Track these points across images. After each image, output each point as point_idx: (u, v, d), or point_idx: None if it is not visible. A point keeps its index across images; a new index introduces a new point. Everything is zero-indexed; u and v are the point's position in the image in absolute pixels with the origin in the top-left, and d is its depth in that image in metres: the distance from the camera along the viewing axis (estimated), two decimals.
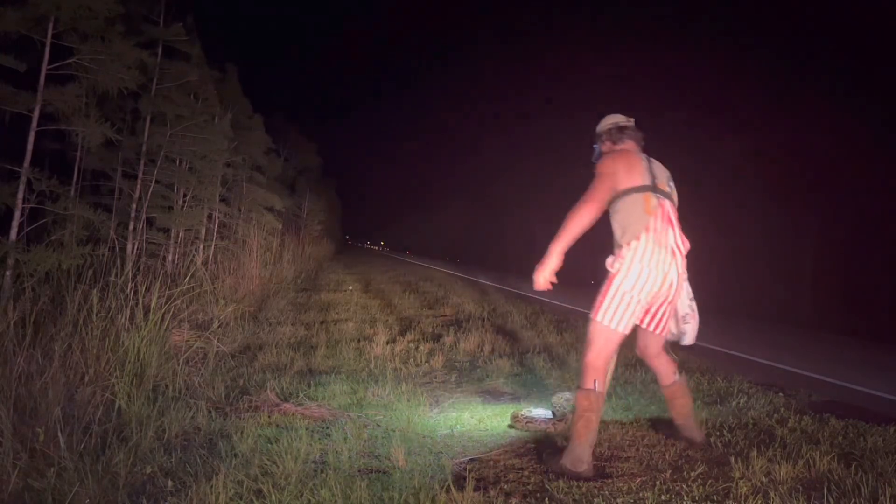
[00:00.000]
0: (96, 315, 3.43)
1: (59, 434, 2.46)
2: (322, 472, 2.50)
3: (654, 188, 2.77)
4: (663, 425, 3.37)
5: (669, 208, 2.79)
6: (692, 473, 2.71)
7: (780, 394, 4.41)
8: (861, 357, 8.48)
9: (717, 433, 3.33)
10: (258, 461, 2.56)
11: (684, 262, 2.86)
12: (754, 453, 2.93)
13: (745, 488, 2.52)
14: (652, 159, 2.90)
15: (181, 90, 6.27)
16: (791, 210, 19.69)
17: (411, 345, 5.53)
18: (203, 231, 7.66)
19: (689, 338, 3.07)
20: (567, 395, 3.49)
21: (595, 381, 2.72)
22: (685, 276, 2.91)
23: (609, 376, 2.91)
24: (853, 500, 2.45)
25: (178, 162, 6.69)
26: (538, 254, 2.81)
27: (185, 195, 7.01)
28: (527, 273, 3.02)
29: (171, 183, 6.64)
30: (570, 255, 2.79)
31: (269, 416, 3.24)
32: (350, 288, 10.85)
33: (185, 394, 3.44)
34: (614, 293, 2.74)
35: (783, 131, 20.58)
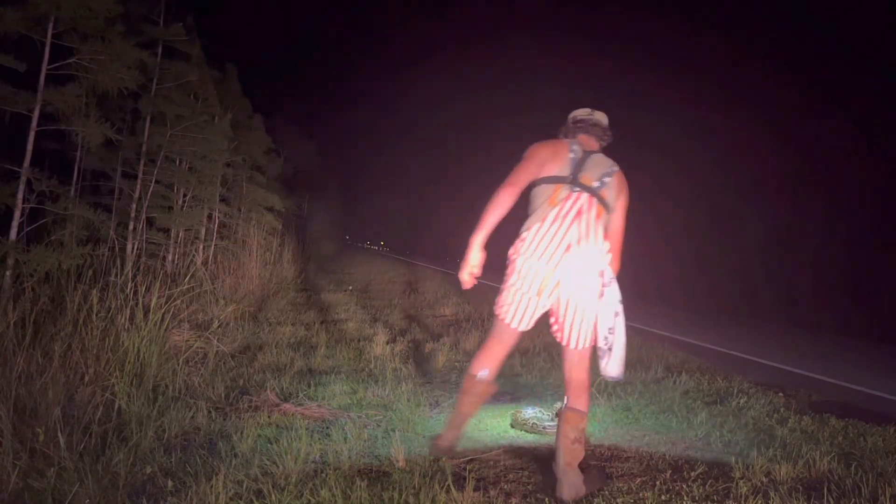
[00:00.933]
0: (96, 315, 3.43)
1: (59, 434, 2.46)
2: (322, 472, 2.50)
3: (572, 180, 2.57)
4: (661, 426, 3.37)
5: (585, 203, 2.55)
6: (692, 473, 2.71)
7: (780, 394, 4.41)
8: (861, 357, 8.48)
9: (718, 433, 3.33)
10: (258, 461, 2.56)
11: (589, 261, 2.53)
12: (754, 453, 2.93)
13: (745, 488, 2.52)
14: (594, 153, 2.68)
15: (181, 90, 6.26)
16: (790, 209, 19.69)
17: (411, 345, 5.53)
18: (203, 231, 7.65)
19: (610, 366, 2.60)
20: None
21: (484, 369, 2.67)
22: (597, 279, 2.56)
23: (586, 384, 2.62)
24: (853, 500, 2.46)
25: (178, 162, 6.68)
26: None
27: (185, 195, 7.00)
28: None
29: (171, 183, 6.63)
30: None
31: (269, 416, 3.24)
32: (350, 288, 10.86)
33: (185, 394, 3.44)
34: (506, 286, 2.63)
35: (782, 129, 20.57)
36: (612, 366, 2.61)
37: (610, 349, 2.60)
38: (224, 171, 7.51)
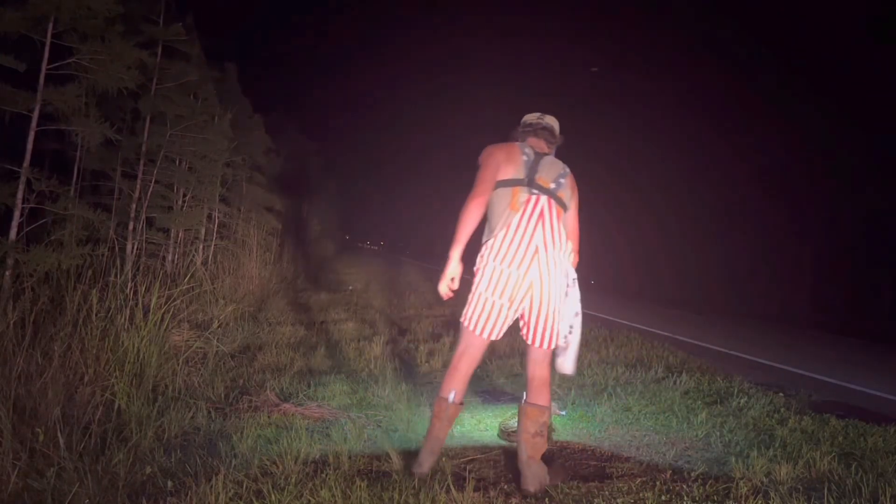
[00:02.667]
0: (96, 315, 3.43)
1: (59, 434, 2.46)
2: (322, 472, 2.50)
3: (529, 182, 2.59)
4: (662, 426, 3.36)
5: (546, 205, 2.59)
6: (692, 473, 2.71)
7: (780, 394, 4.40)
8: (861, 357, 8.48)
9: (718, 433, 3.33)
10: (258, 461, 2.56)
11: (557, 263, 2.58)
12: (754, 453, 2.93)
13: (745, 488, 2.52)
14: (546, 155, 2.71)
15: (181, 90, 6.26)
16: (790, 209, 19.69)
17: (411, 345, 5.53)
18: (203, 231, 7.64)
19: (567, 363, 2.65)
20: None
21: (452, 391, 2.62)
22: (563, 280, 2.62)
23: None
24: (853, 500, 2.45)
25: (177, 162, 6.68)
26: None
27: (184, 195, 6.99)
28: None
29: (171, 183, 6.62)
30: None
31: (269, 416, 3.23)
32: (350, 288, 10.85)
33: (185, 394, 3.44)
34: (474, 295, 2.62)
35: (781, 128, 20.56)
36: (568, 363, 2.66)
37: (567, 347, 2.66)
38: (224, 171, 7.50)
